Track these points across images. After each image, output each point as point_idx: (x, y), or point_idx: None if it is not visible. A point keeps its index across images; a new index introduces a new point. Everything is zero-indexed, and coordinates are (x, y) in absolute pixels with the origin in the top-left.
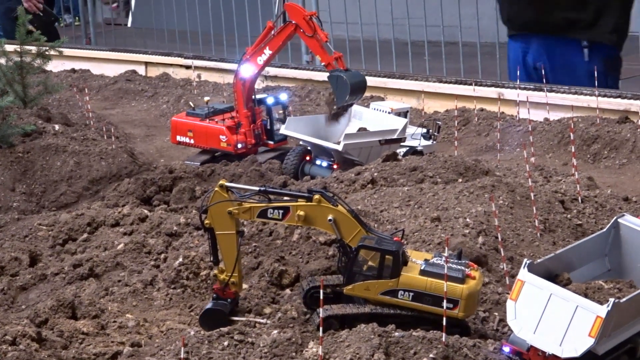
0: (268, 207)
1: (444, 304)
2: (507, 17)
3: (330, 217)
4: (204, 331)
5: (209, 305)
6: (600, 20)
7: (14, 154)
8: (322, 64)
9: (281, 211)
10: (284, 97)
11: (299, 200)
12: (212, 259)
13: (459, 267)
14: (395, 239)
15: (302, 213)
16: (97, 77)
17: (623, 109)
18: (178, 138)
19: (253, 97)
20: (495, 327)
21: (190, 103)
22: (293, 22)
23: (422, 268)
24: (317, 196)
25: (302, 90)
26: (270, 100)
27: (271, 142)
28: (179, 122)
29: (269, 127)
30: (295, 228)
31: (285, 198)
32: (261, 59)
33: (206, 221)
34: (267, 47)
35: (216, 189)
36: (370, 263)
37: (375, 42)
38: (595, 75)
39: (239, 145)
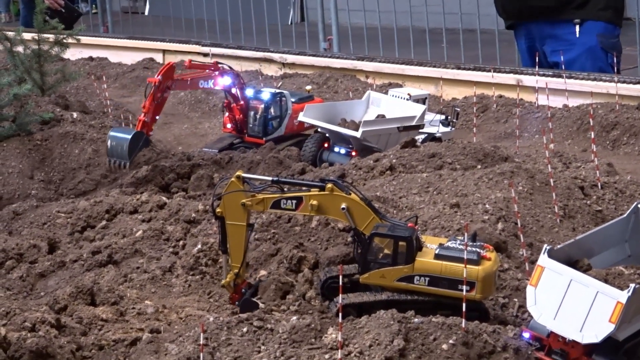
0: (281, 198)
1: (461, 286)
2: (502, 7)
3: (343, 205)
4: (222, 317)
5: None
6: (592, 0)
7: (32, 141)
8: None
9: (294, 201)
10: (265, 95)
11: (311, 189)
12: (220, 247)
13: (474, 249)
14: (409, 225)
15: (315, 202)
16: (115, 65)
17: None
18: None
19: (243, 89)
20: (515, 313)
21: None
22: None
23: (436, 252)
24: (329, 185)
25: (320, 77)
26: (249, 93)
27: (258, 138)
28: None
29: (259, 121)
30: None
31: (299, 188)
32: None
33: (218, 209)
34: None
35: (232, 179)
36: (385, 251)
37: (393, 30)
38: (591, 49)
39: (228, 125)
